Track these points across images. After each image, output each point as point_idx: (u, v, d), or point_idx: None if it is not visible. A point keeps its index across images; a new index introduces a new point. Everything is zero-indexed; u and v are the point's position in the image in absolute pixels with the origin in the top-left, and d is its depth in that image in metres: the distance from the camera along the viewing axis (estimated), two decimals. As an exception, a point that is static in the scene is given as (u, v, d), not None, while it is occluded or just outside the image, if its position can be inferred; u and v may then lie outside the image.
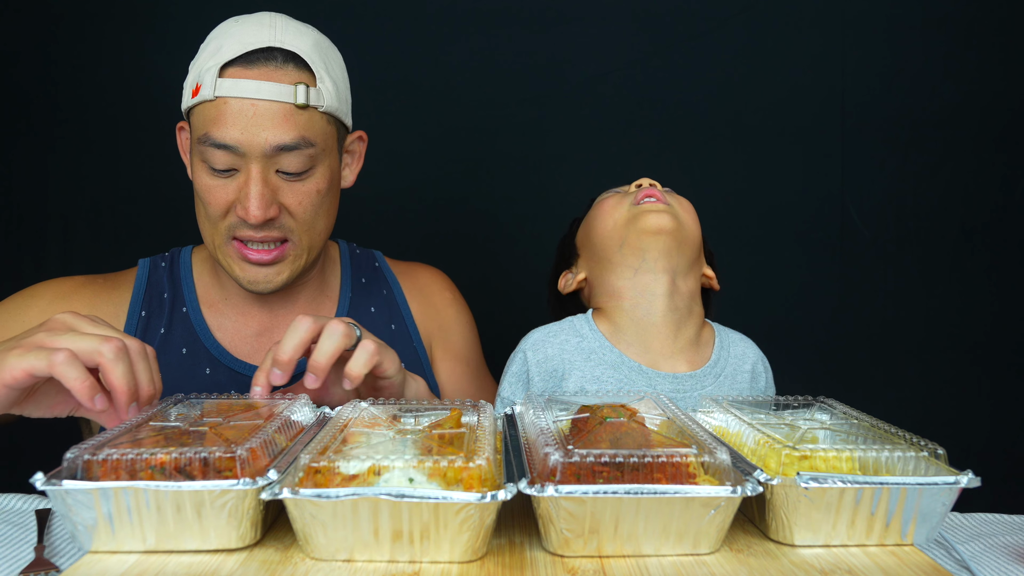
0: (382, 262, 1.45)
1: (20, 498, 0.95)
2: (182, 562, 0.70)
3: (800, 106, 1.96)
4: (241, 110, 1.09)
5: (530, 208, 1.98)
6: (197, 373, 1.23)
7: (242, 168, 1.12)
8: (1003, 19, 1.95)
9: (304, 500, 0.68)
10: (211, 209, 1.15)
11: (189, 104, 1.15)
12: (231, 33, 1.14)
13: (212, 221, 1.16)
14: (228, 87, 1.10)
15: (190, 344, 1.24)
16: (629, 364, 1.16)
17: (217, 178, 1.14)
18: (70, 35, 1.91)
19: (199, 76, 1.13)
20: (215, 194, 1.14)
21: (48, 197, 1.93)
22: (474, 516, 0.68)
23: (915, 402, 1.98)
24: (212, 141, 1.10)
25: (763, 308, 1.98)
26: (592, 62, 1.95)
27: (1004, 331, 2.00)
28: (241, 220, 1.13)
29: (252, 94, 1.09)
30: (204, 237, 1.21)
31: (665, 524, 0.71)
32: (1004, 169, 1.98)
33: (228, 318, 1.28)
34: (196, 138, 1.14)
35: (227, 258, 1.18)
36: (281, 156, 1.12)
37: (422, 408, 0.93)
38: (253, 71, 1.11)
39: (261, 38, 1.12)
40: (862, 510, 0.75)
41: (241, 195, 1.12)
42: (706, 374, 1.17)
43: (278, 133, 1.10)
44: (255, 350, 1.27)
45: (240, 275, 1.18)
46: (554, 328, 1.21)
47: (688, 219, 1.21)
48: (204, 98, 1.11)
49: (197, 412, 0.89)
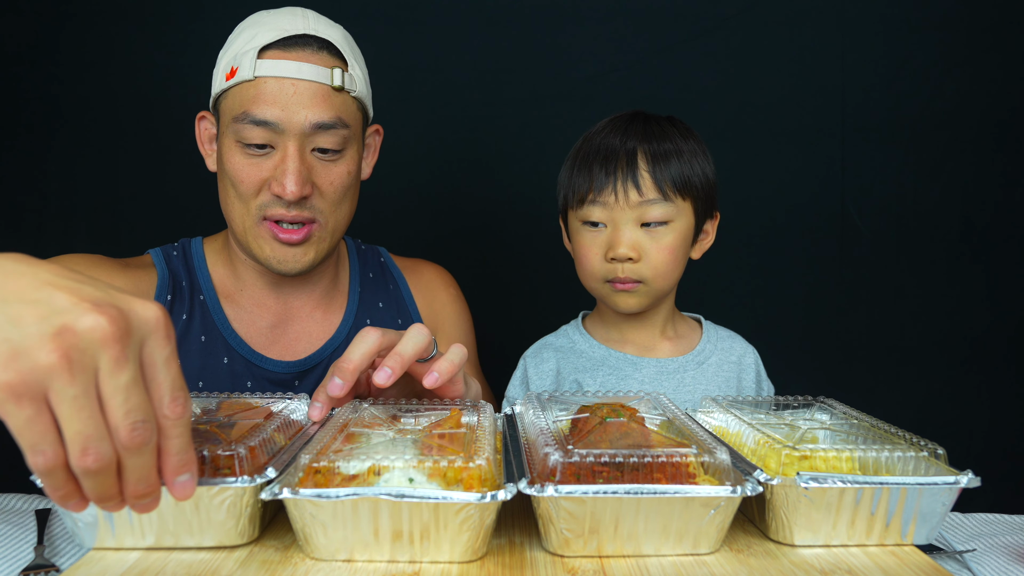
0: (387, 258, 1.47)
1: (20, 498, 0.95)
2: (182, 561, 0.70)
3: (800, 106, 1.96)
4: (281, 89, 1.13)
5: (530, 208, 1.98)
6: (215, 362, 1.24)
7: (278, 146, 1.15)
8: (1003, 19, 1.95)
9: (304, 500, 0.68)
10: (243, 188, 1.16)
11: (223, 87, 1.18)
12: (264, 22, 1.18)
13: (244, 200, 1.17)
14: (268, 67, 1.14)
15: (208, 332, 1.26)
16: (616, 356, 1.31)
17: (251, 156, 1.16)
18: (70, 35, 1.91)
19: (234, 60, 1.16)
20: (248, 172, 1.16)
21: (48, 197, 1.93)
22: (474, 516, 0.68)
23: (915, 402, 1.99)
24: (252, 118, 1.13)
25: (763, 308, 1.98)
26: (592, 62, 1.95)
27: (1004, 331, 2.00)
28: (275, 198, 1.16)
29: (292, 74, 1.14)
30: (233, 221, 1.21)
31: (665, 524, 0.71)
32: (1004, 169, 1.98)
33: (244, 309, 1.29)
34: (231, 118, 1.16)
35: (257, 239, 1.19)
36: (318, 135, 1.16)
37: (422, 408, 0.93)
38: (291, 54, 1.15)
39: (296, 26, 1.17)
40: (862, 510, 0.75)
41: (278, 172, 1.15)
42: (688, 361, 1.31)
43: (317, 111, 1.15)
44: (270, 342, 1.29)
45: (270, 255, 1.20)
46: (549, 338, 1.38)
47: (660, 281, 1.25)
48: (242, 78, 1.14)
49: (197, 411, 0.89)
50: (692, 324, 1.40)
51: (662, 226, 1.22)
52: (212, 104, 1.23)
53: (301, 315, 1.32)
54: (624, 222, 1.22)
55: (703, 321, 1.40)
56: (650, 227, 1.22)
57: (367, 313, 1.36)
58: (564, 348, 1.35)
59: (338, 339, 1.32)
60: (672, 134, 1.26)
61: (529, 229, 1.99)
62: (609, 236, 1.23)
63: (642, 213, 1.21)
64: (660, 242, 1.22)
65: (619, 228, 1.22)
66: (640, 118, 1.29)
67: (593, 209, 1.23)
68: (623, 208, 1.21)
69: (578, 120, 1.97)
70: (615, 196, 1.21)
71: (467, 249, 2.01)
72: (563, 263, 1.63)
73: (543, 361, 1.33)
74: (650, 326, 1.33)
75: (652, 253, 1.22)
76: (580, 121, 1.97)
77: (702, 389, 1.29)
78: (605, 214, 1.23)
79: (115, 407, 0.55)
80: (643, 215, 1.21)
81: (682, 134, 1.27)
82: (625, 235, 1.21)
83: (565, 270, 1.73)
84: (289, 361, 1.28)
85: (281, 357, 1.28)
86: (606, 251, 1.23)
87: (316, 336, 1.32)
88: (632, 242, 1.21)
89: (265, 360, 1.26)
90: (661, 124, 1.28)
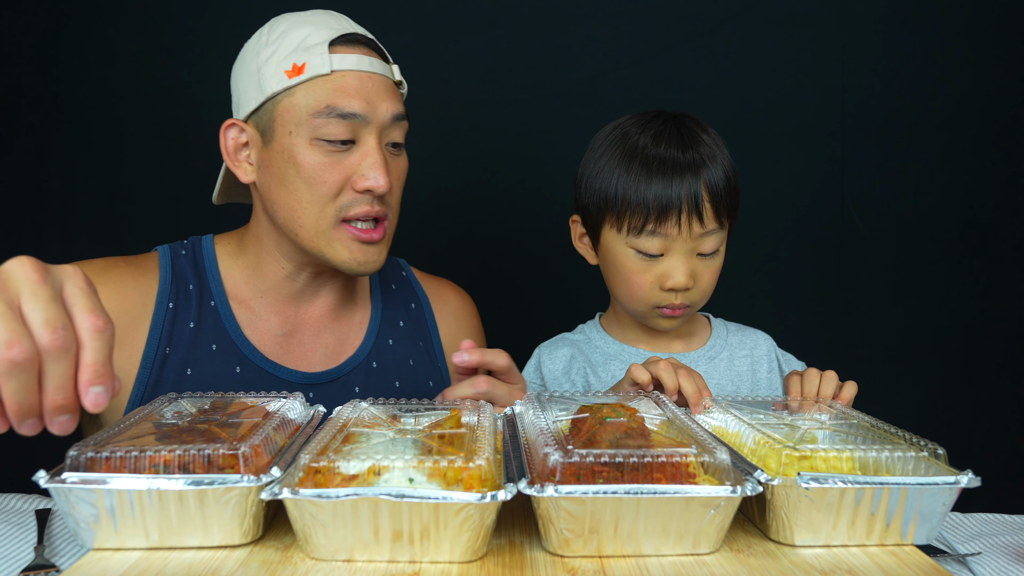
0: (409, 272, 1.43)
1: (20, 498, 0.95)
2: (183, 561, 0.70)
3: (800, 106, 1.96)
4: (361, 82, 1.13)
5: (530, 207, 1.98)
6: (227, 371, 1.19)
7: (360, 140, 1.14)
8: (1002, 19, 1.95)
9: (304, 500, 0.68)
10: (324, 188, 1.12)
11: (286, 85, 1.12)
12: (310, 21, 1.16)
13: (320, 203, 1.13)
14: (343, 61, 1.13)
15: (220, 340, 1.20)
16: (629, 351, 1.33)
17: (332, 154, 1.12)
18: (70, 35, 1.91)
19: (295, 56, 1.12)
20: (330, 171, 1.12)
21: (48, 197, 1.93)
22: (474, 516, 0.68)
23: (915, 402, 1.99)
24: (338, 111, 1.11)
25: (762, 307, 1.98)
26: (592, 62, 1.95)
27: (1004, 330, 2.00)
28: (357, 196, 1.14)
29: (367, 68, 1.14)
30: (302, 226, 1.15)
31: (665, 524, 0.71)
32: (1004, 169, 1.98)
33: (259, 316, 1.24)
34: (309, 115, 1.11)
35: (333, 243, 1.15)
36: (393, 127, 1.17)
37: (422, 408, 0.93)
38: (356, 49, 1.15)
39: (343, 25, 1.17)
40: (862, 510, 0.75)
41: (364, 167, 1.13)
42: (700, 357, 1.33)
43: (393, 104, 1.16)
44: (284, 351, 1.24)
45: (349, 258, 1.16)
46: (566, 334, 1.41)
47: (703, 302, 1.28)
48: (316, 73, 1.11)
49: (193, 410, 0.89)
50: (703, 321, 1.41)
51: (715, 252, 1.23)
52: (254, 111, 1.16)
53: (318, 324, 1.28)
54: (683, 252, 1.20)
55: (712, 318, 1.41)
56: (707, 257, 1.23)
57: (389, 333, 1.32)
58: (579, 342, 1.37)
59: (359, 357, 1.28)
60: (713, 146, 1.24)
61: (530, 229, 1.99)
62: (666, 267, 1.21)
63: (699, 244, 1.21)
64: (711, 267, 1.24)
65: (677, 258, 1.20)
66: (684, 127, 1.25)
67: (653, 241, 1.20)
68: (685, 240, 1.20)
69: (578, 120, 1.97)
70: (679, 229, 1.19)
71: (467, 250, 2.01)
72: (565, 263, 1.63)
73: (557, 349, 1.35)
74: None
75: (703, 278, 1.23)
76: (580, 121, 1.97)
77: (714, 384, 1.30)
78: (664, 245, 1.21)
79: (35, 317, 0.62)
80: (699, 245, 1.21)
81: (715, 141, 1.26)
82: (686, 266, 1.20)
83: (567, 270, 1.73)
84: (305, 372, 1.24)
85: (296, 366, 1.23)
86: (660, 280, 1.21)
87: (332, 347, 1.28)
88: (690, 272, 1.21)
89: (280, 369, 1.22)
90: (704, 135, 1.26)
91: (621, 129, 1.27)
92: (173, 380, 1.16)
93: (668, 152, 1.21)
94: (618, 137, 1.26)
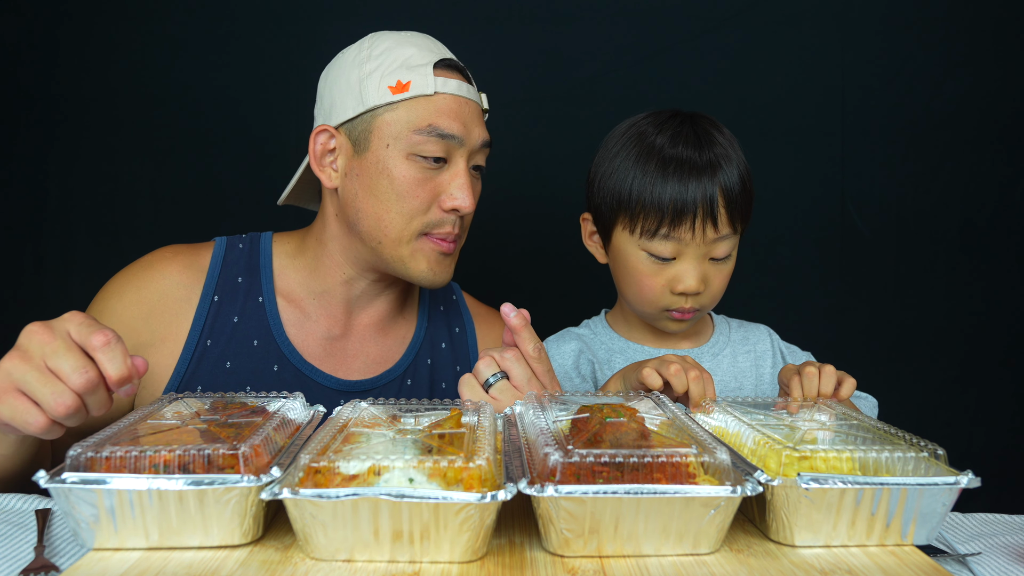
0: (460, 296, 1.44)
1: (20, 498, 0.95)
2: (183, 562, 0.70)
3: (800, 106, 1.96)
4: (459, 106, 1.18)
5: (529, 207, 1.98)
6: (265, 368, 1.21)
7: (451, 161, 1.18)
8: (1003, 19, 1.95)
9: (304, 500, 0.68)
10: (415, 202, 1.17)
11: (389, 100, 1.16)
12: (413, 43, 1.20)
13: (408, 215, 1.17)
14: (445, 85, 1.17)
15: (261, 337, 1.23)
16: (634, 347, 1.34)
17: (426, 170, 1.17)
18: (71, 35, 1.91)
19: (400, 74, 1.16)
20: (423, 188, 1.17)
21: (48, 197, 1.93)
22: (474, 516, 0.68)
23: (915, 402, 1.99)
24: (439, 131, 1.15)
25: (762, 307, 1.98)
26: (592, 62, 1.95)
27: (1004, 330, 2.00)
28: (443, 216, 1.18)
29: (465, 93, 1.20)
30: (386, 234, 1.18)
31: (665, 524, 0.71)
32: (1004, 169, 1.98)
33: (307, 316, 1.26)
34: (410, 130, 1.16)
35: (415, 254, 1.19)
36: (480, 152, 1.22)
37: (422, 408, 0.93)
38: (455, 75, 1.20)
39: (443, 51, 1.22)
40: (862, 511, 0.75)
41: (453, 187, 1.18)
42: (704, 352, 1.35)
43: (483, 130, 1.22)
44: (325, 354, 1.25)
45: (426, 268, 1.20)
46: (572, 328, 1.42)
47: (712, 305, 1.28)
48: (420, 92, 1.16)
49: (193, 410, 0.89)
50: (705, 319, 1.42)
51: (726, 258, 1.23)
52: (350, 119, 1.18)
53: (365, 333, 1.29)
54: (695, 257, 1.21)
55: (714, 315, 1.42)
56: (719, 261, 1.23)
57: (429, 352, 1.33)
58: (586, 336, 1.38)
59: (396, 371, 1.29)
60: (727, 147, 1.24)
61: (530, 229, 1.99)
62: (677, 271, 1.21)
63: (712, 248, 1.21)
64: (722, 272, 1.24)
65: (690, 263, 1.21)
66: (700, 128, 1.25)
67: (666, 244, 1.20)
68: (698, 244, 1.20)
69: (578, 120, 1.98)
70: (692, 233, 1.19)
71: (467, 250, 2.01)
72: (566, 262, 1.63)
73: (564, 344, 1.35)
74: None
75: (714, 283, 1.23)
76: (580, 121, 1.98)
77: (718, 380, 1.31)
78: (677, 248, 1.21)
79: (63, 369, 0.81)
80: (712, 250, 1.21)
81: (730, 143, 1.25)
82: (697, 271, 1.20)
83: (567, 270, 1.73)
84: (341, 379, 1.25)
85: (333, 372, 1.25)
86: (671, 284, 1.22)
87: (372, 358, 1.29)
88: (701, 276, 1.21)
89: (316, 372, 1.23)
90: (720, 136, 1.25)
91: (637, 128, 1.26)
92: (210, 372, 1.19)
93: (685, 153, 1.21)
94: (634, 136, 1.25)
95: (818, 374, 1.07)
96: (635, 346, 1.34)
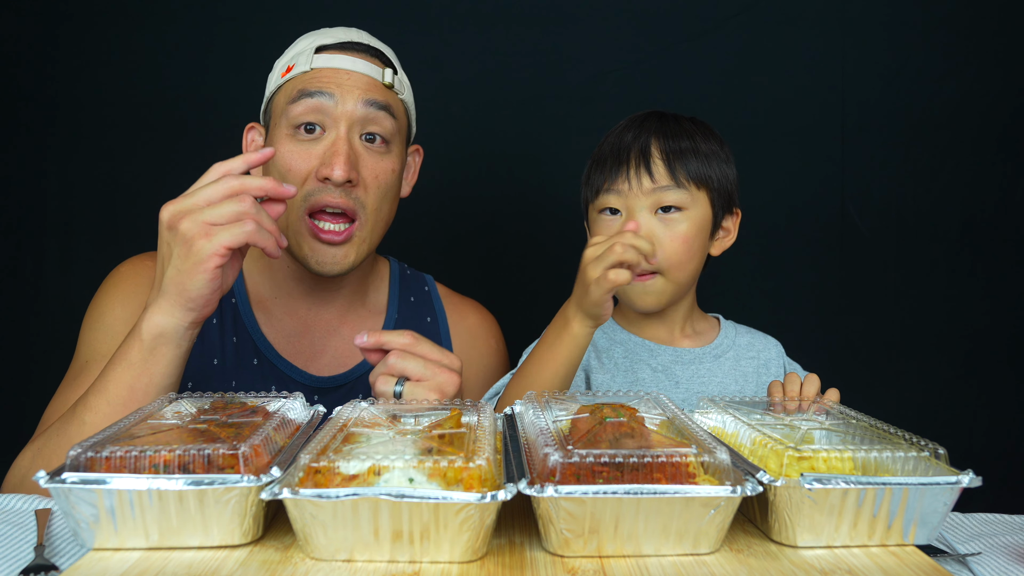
0: (432, 288, 1.43)
1: (20, 498, 0.95)
2: (183, 562, 0.70)
3: (800, 106, 1.96)
4: (336, 74, 1.18)
5: (530, 207, 1.98)
6: (246, 362, 1.24)
7: (328, 129, 1.17)
8: (1003, 19, 1.95)
9: (304, 500, 0.68)
10: (291, 176, 1.16)
11: (278, 84, 1.21)
12: (322, 32, 1.24)
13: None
14: (324, 60, 1.18)
15: (239, 333, 1.25)
16: (634, 340, 1.33)
17: (301, 142, 1.17)
18: (71, 35, 1.91)
19: (290, 60, 1.21)
20: (297, 159, 1.16)
21: (48, 197, 1.93)
22: (474, 516, 0.68)
23: (915, 402, 1.98)
24: (306, 92, 1.16)
25: (763, 307, 1.98)
26: (592, 62, 1.95)
27: (1004, 330, 2.00)
28: (320, 185, 1.15)
29: (347, 66, 1.19)
30: (280, 220, 1.17)
31: (665, 524, 0.71)
32: (1004, 169, 1.98)
33: (271, 315, 1.28)
34: (286, 103, 1.18)
35: (298, 237, 1.19)
36: (368, 119, 1.18)
37: (422, 408, 0.93)
38: (347, 53, 1.20)
39: (352, 36, 1.23)
40: (864, 511, 0.75)
41: (326, 155, 1.15)
42: (705, 353, 1.32)
43: (369, 92, 1.18)
44: (296, 351, 1.27)
45: (309, 255, 1.19)
46: None
47: (676, 272, 1.24)
48: (299, 71, 1.18)
49: (193, 410, 0.89)
50: (712, 322, 1.41)
51: (677, 212, 1.22)
52: (263, 111, 1.25)
53: (328, 328, 1.30)
54: (638, 209, 1.22)
55: (722, 319, 1.41)
56: (668, 212, 1.22)
57: None
58: None
59: (367, 364, 1.25)
60: (691, 132, 1.26)
61: (531, 229, 1.99)
62: (623, 223, 1.22)
63: (657, 199, 1.21)
64: (674, 230, 1.22)
65: (634, 215, 1.22)
66: (656, 116, 1.29)
67: (608, 197, 1.24)
68: (637, 195, 1.21)
69: (578, 120, 1.98)
70: (628, 183, 1.21)
71: (466, 250, 2.01)
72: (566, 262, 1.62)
73: None
74: (669, 323, 1.33)
75: (666, 242, 1.21)
76: (580, 121, 1.97)
77: (717, 382, 1.30)
78: (620, 201, 1.23)
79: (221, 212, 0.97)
80: (658, 201, 1.21)
81: (703, 134, 1.27)
82: (639, 221, 1.20)
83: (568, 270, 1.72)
84: (314, 375, 1.26)
85: (306, 368, 1.27)
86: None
87: (342, 352, 1.30)
88: (646, 229, 1.20)
89: (291, 368, 1.25)
90: (680, 122, 1.28)
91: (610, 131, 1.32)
92: (199, 368, 1.21)
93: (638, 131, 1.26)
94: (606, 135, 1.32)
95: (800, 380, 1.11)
96: (636, 338, 1.33)
